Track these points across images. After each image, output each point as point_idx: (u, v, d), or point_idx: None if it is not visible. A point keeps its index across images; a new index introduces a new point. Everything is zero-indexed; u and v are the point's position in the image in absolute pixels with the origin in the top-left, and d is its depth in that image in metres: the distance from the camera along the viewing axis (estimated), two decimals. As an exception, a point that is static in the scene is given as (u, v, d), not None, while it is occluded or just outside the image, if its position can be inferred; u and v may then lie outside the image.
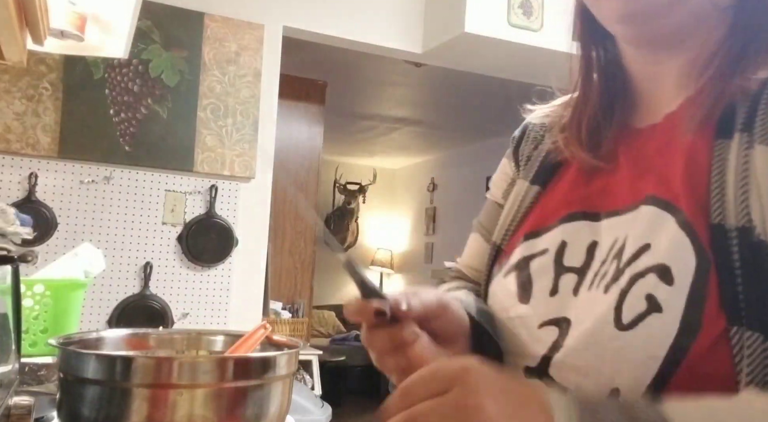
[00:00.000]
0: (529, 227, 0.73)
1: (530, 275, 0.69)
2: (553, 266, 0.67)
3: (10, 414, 0.77)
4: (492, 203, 0.85)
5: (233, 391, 0.74)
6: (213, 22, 2.92)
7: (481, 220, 0.86)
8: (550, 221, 0.71)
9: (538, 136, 0.80)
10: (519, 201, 0.77)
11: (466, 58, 3.41)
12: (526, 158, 0.80)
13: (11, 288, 0.93)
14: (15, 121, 2.59)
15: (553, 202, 0.73)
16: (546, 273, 0.67)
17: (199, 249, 2.89)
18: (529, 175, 0.77)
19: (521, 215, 0.76)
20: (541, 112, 0.83)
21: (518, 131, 0.85)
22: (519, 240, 0.73)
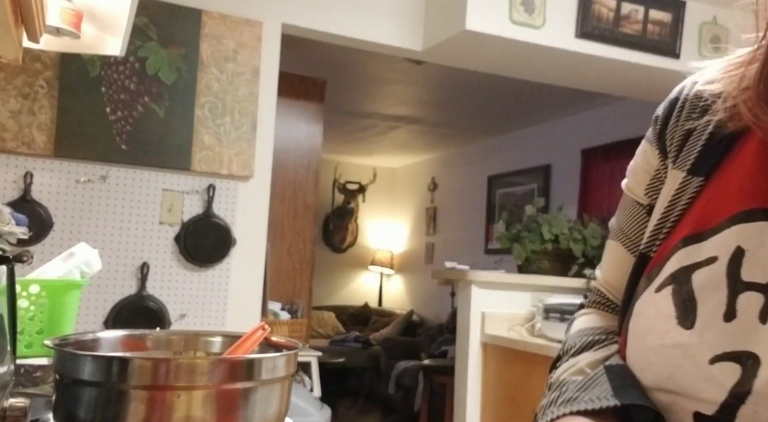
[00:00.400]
0: (688, 229, 0.58)
1: (693, 292, 0.55)
2: (726, 280, 0.53)
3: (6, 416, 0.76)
4: (630, 202, 0.69)
5: (231, 393, 0.73)
6: (211, 19, 2.91)
7: (620, 224, 0.71)
8: (717, 220, 0.56)
9: (699, 108, 0.62)
10: (673, 197, 0.61)
11: (467, 56, 3.40)
12: (680, 140, 0.63)
13: (6, 289, 0.92)
14: (10, 119, 2.57)
15: (723, 195, 0.57)
16: (716, 290, 0.53)
17: (197, 249, 2.87)
18: (686, 163, 0.61)
19: (677, 215, 0.60)
20: (707, 77, 0.64)
21: (665, 106, 0.67)
22: (674, 246, 0.58)
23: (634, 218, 0.68)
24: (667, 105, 0.66)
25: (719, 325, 0.52)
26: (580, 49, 3.23)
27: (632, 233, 0.68)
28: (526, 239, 3.37)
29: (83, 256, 1.49)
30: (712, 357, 0.51)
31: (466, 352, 3.12)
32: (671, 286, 0.56)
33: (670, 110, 0.66)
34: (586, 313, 0.74)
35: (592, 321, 0.71)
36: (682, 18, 3.34)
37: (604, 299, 0.72)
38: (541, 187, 5.86)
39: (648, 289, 0.59)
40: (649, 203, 0.67)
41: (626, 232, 0.69)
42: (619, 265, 0.68)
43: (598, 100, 5.00)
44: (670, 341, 0.54)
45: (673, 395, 0.53)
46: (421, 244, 7.86)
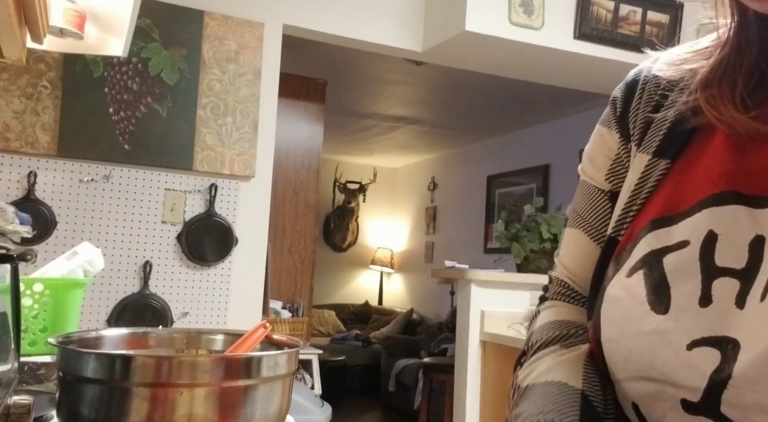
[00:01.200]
0: (656, 211, 0.57)
1: (665, 276, 0.53)
2: (699, 265, 0.52)
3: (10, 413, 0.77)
4: (590, 188, 0.68)
5: (233, 390, 0.74)
6: (213, 20, 2.92)
7: (579, 210, 0.69)
8: (687, 204, 0.55)
9: (658, 94, 0.62)
10: (639, 180, 0.60)
11: (467, 57, 3.41)
12: (642, 124, 0.62)
13: (10, 287, 0.92)
14: (14, 119, 2.58)
15: (691, 178, 0.56)
16: (689, 275, 0.52)
17: (199, 248, 2.88)
18: (651, 146, 0.60)
19: (643, 198, 0.59)
20: (662, 62, 0.64)
21: (622, 89, 0.66)
22: (642, 228, 0.57)
23: (594, 204, 0.66)
24: (624, 88, 0.65)
25: (695, 310, 0.51)
26: (578, 50, 3.24)
27: (594, 220, 0.66)
28: (525, 239, 3.38)
29: (86, 255, 1.50)
30: (689, 342, 0.50)
31: (465, 350, 3.13)
32: (642, 270, 0.55)
33: (629, 93, 0.64)
34: (550, 306, 0.70)
35: (558, 314, 0.67)
36: (680, 19, 3.35)
37: (567, 290, 0.69)
38: (540, 187, 5.86)
39: (618, 273, 0.57)
40: (611, 189, 0.65)
41: (587, 219, 0.67)
42: (583, 253, 0.67)
43: (596, 100, 5.00)
44: (647, 328, 0.52)
45: (658, 383, 0.52)
46: (421, 243, 7.87)
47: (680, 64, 0.62)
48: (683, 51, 0.63)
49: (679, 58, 0.63)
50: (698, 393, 0.49)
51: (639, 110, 0.63)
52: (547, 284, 0.74)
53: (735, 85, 0.55)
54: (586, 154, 0.70)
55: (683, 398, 0.50)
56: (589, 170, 0.68)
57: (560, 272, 0.71)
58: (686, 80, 0.60)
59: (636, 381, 0.54)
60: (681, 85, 0.60)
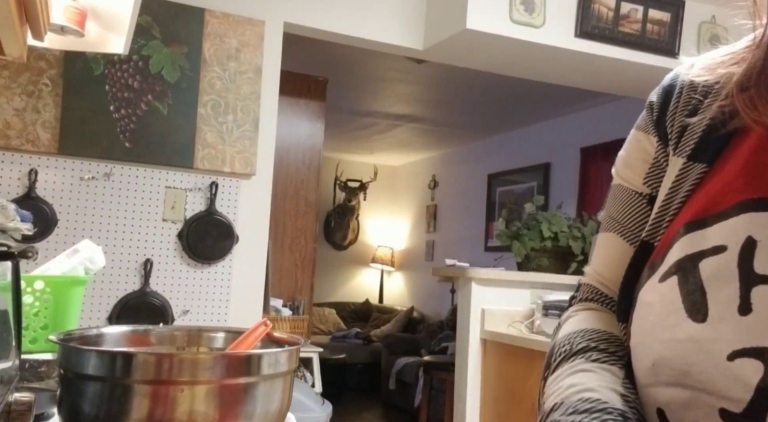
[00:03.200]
0: (691, 214, 0.55)
1: (701, 283, 0.51)
2: (737, 272, 0.50)
3: (11, 410, 0.77)
4: (627, 192, 0.66)
5: (234, 388, 0.74)
6: (213, 18, 2.92)
7: (614, 214, 0.67)
8: (721, 206, 0.53)
9: (695, 99, 0.61)
10: (674, 184, 0.59)
11: (468, 55, 3.41)
12: (679, 129, 0.61)
13: (11, 284, 0.92)
14: (15, 117, 2.58)
15: (727, 182, 0.54)
16: (727, 282, 0.50)
17: (200, 246, 2.88)
18: (685, 150, 0.59)
19: (679, 202, 0.58)
20: (699, 67, 0.63)
21: (659, 94, 0.65)
22: (677, 232, 0.56)
23: (632, 208, 0.65)
24: (662, 92, 0.65)
25: (735, 319, 0.49)
26: (579, 48, 3.24)
27: (631, 223, 0.65)
28: (526, 237, 3.38)
29: (87, 252, 1.50)
30: (730, 352, 0.48)
31: (466, 349, 3.13)
32: (676, 275, 0.53)
33: (667, 98, 0.64)
34: (577, 312, 0.68)
35: (585, 322, 0.65)
36: (681, 17, 3.34)
37: (598, 296, 0.68)
38: (540, 185, 5.86)
39: (651, 278, 0.56)
40: (649, 193, 0.64)
41: (623, 223, 0.66)
42: (618, 257, 0.65)
43: (597, 99, 5.00)
44: (682, 335, 0.51)
45: (694, 391, 0.50)
46: (421, 241, 7.87)
47: (716, 68, 0.61)
48: (719, 54, 0.62)
49: (715, 63, 0.61)
50: (741, 404, 0.47)
51: (676, 114, 0.62)
52: (573, 294, 0.72)
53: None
54: (621, 158, 0.69)
55: (722, 407, 0.48)
56: (625, 173, 0.67)
57: (590, 278, 0.69)
58: (722, 83, 0.59)
59: (665, 387, 0.53)
60: (717, 88, 0.59)
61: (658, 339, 0.53)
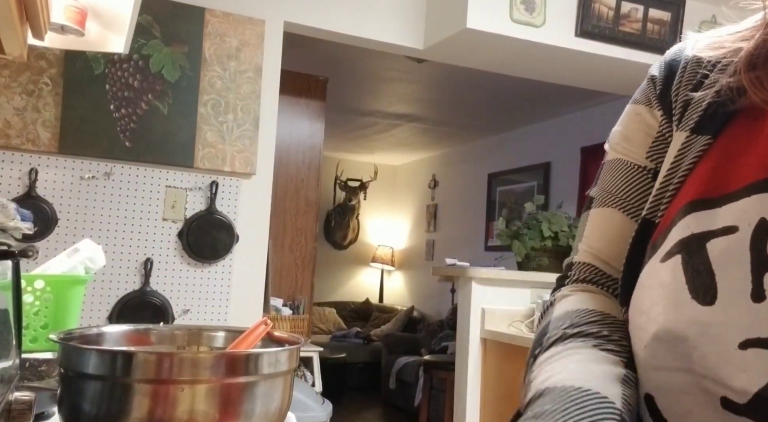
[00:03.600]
0: (696, 191, 0.53)
1: (710, 264, 0.48)
2: (749, 254, 0.47)
3: (11, 410, 0.77)
4: (628, 166, 0.64)
5: (234, 387, 0.74)
6: (214, 17, 2.92)
7: (612, 189, 0.64)
8: (733, 187, 0.50)
9: (700, 73, 0.59)
10: (676, 158, 0.57)
11: (468, 54, 3.41)
12: (683, 103, 0.59)
13: (12, 284, 0.92)
14: (15, 116, 2.58)
15: (736, 159, 0.52)
16: (738, 264, 0.47)
17: (200, 245, 2.88)
18: (689, 123, 0.57)
19: (681, 176, 0.55)
20: (704, 44, 0.61)
21: (662, 68, 0.64)
22: (680, 210, 0.53)
23: (634, 182, 0.63)
24: (665, 67, 0.63)
25: (746, 305, 0.46)
26: (580, 47, 3.24)
27: (632, 197, 0.62)
28: (526, 236, 3.38)
29: (87, 252, 1.50)
30: (743, 340, 0.45)
31: (466, 348, 3.13)
32: (679, 255, 0.50)
33: (670, 72, 0.62)
34: (571, 292, 0.64)
35: (581, 301, 0.61)
36: (681, 17, 3.34)
37: (596, 276, 0.63)
38: (540, 184, 5.86)
39: (653, 259, 0.53)
40: (654, 167, 0.62)
41: (625, 198, 0.63)
42: (620, 233, 0.61)
43: (597, 98, 5.00)
44: (684, 316, 0.48)
45: (695, 376, 0.48)
46: (421, 241, 7.87)
47: (721, 44, 0.59)
48: (725, 32, 0.61)
49: (720, 40, 0.60)
50: (746, 396, 0.45)
51: (680, 88, 0.60)
52: (563, 274, 0.68)
53: None
54: (617, 133, 0.66)
55: (724, 396, 0.46)
56: (624, 147, 0.65)
57: (586, 256, 0.65)
58: (728, 59, 0.57)
59: (659, 371, 0.50)
60: (722, 64, 0.57)
61: (656, 319, 0.50)
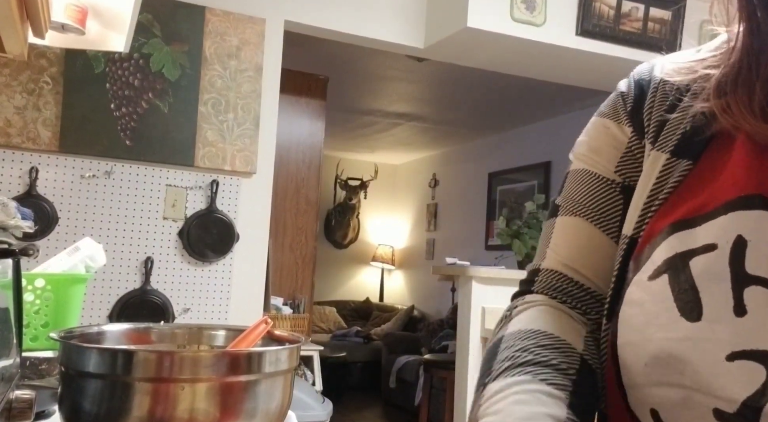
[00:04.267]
0: (678, 213, 0.55)
1: (693, 281, 0.51)
2: (729, 271, 0.50)
3: (12, 408, 0.77)
4: (595, 177, 0.65)
5: (234, 386, 0.74)
6: (214, 16, 2.92)
7: (578, 198, 0.65)
8: (710, 206, 0.53)
9: (672, 97, 0.61)
10: (658, 179, 0.58)
11: (469, 53, 3.41)
12: (657, 123, 0.61)
13: (12, 282, 0.92)
14: (15, 115, 2.58)
15: (715, 182, 0.54)
16: (718, 281, 0.50)
17: (200, 244, 2.89)
18: (668, 145, 0.59)
19: (662, 198, 0.57)
20: (669, 68, 0.63)
21: (632, 86, 0.65)
22: (663, 230, 0.55)
23: (601, 193, 0.64)
24: (635, 85, 0.64)
25: (730, 319, 0.48)
26: (580, 46, 3.24)
27: (600, 208, 0.63)
28: (527, 236, 3.38)
29: (88, 250, 1.50)
30: (729, 353, 0.48)
31: (466, 347, 3.13)
32: (667, 274, 0.53)
33: (641, 91, 0.63)
34: (532, 305, 0.64)
35: (540, 321, 0.61)
36: (682, 16, 3.34)
37: (562, 284, 0.63)
38: (541, 184, 5.86)
39: (638, 276, 0.55)
40: (622, 181, 0.63)
41: (592, 207, 0.63)
42: (588, 242, 0.63)
43: (598, 97, 4.99)
44: (676, 334, 0.50)
45: (687, 390, 0.50)
46: (422, 240, 7.87)
47: (690, 69, 0.61)
48: (688, 59, 0.62)
49: (690, 65, 0.61)
50: (735, 405, 0.47)
51: (653, 109, 0.61)
52: (527, 278, 0.67)
53: (752, 93, 0.54)
54: (583, 144, 0.67)
55: (717, 407, 0.48)
56: (591, 159, 0.66)
57: (554, 263, 0.65)
58: (698, 84, 0.59)
59: (658, 386, 0.52)
60: (693, 88, 0.59)
61: (651, 337, 0.52)
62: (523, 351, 0.56)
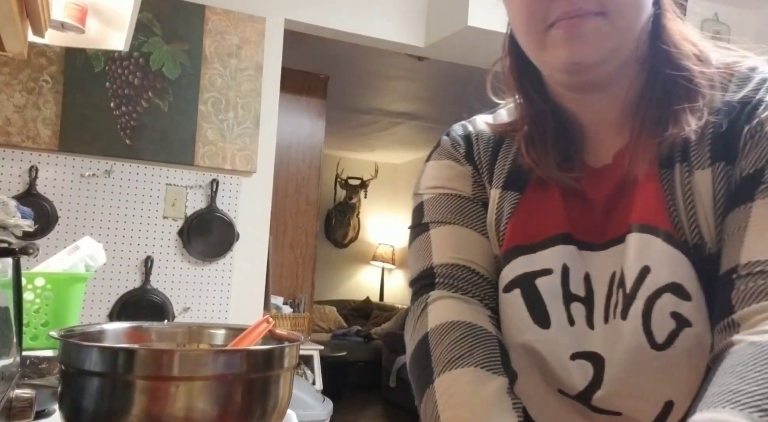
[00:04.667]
0: (518, 237, 0.71)
1: (541, 297, 0.68)
2: (561, 290, 0.67)
3: (12, 407, 0.77)
4: (458, 198, 0.77)
5: (234, 384, 0.74)
6: (214, 14, 2.91)
7: (447, 215, 0.77)
8: (539, 237, 0.70)
9: (491, 147, 0.78)
10: (498, 210, 0.74)
11: (469, 52, 3.41)
12: (488, 164, 0.77)
13: (12, 281, 0.92)
14: (15, 113, 2.58)
15: (539, 216, 0.71)
16: (556, 298, 0.67)
17: (200, 244, 2.88)
18: (499, 181, 0.75)
19: (504, 224, 0.73)
20: (483, 127, 0.81)
21: (460, 138, 0.81)
22: (509, 251, 0.71)
23: (467, 206, 0.76)
24: (462, 138, 0.80)
25: (566, 328, 0.66)
26: (582, 45, 3.23)
27: (470, 216, 0.75)
28: (527, 235, 3.38)
29: (88, 249, 1.50)
30: (571, 354, 0.66)
31: (466, 347, 3.13)
32: (518, 289, 0.69)
33: (468, 141, 0.79)
34: (443, 298, 0.73)
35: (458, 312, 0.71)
36: (683, 15, 3.34)
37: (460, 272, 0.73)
38: (542, 183, 5.86)
39: (499, 288, 0.71)
40: (480, 199, 0.76)
41: (459, 216, 0.75)
42: (467, 240, 0.74)
43: (600, 96, 4.99)
44: (532, 337, 0.67)
45: (543, 376, 0.68)
46: (422, 239, 7.86)
47: (495, 130, 0.78)
48: (492, 121, 0.80)
49: (492, 128, 0.79)
50: (575, 390, 0.66)
51: (481, 153, 0.77)
52: (421, 279, 0.75)
53: (547, 152, 0.71)
54: (434, 179, 0.79)
55: (560, 389, 0.68)
56: (449, 187, 0.78)
57: (443, 258, 0.74)
58: (507, 141, 0.76)
59: (521, 373, 0.69)
60: (506, 144, 0.76)
61: (516, 341, 0.69)
62: (456, 343, 0.67)
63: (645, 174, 0.66)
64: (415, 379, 0.70)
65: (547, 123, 0.73)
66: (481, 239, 0.75)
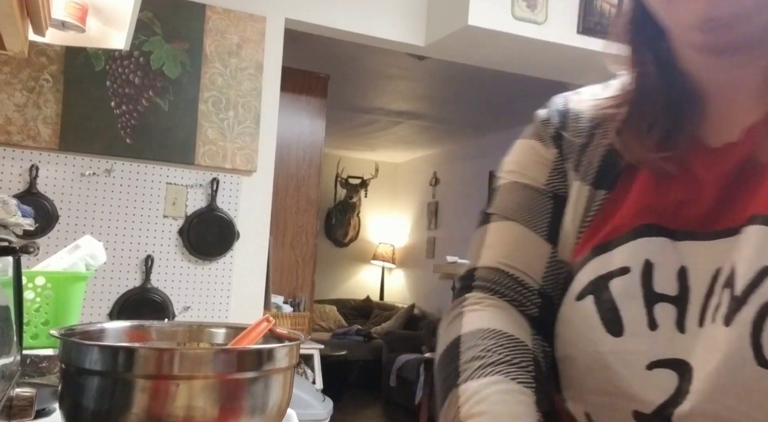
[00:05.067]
0: (598, 238, 0.63)
1: (614, 301, 0.59)
2: (641, 291, 0.58)
3: (12, 406, 0.77)
4: (529, 188, 0.70)
5: (234, 383, 0.74)
6: (215, 13, 2.91)
7: (513, 207, 0.70)
8: (621, 231, 0.61)
9: (586, 129, 0.69)
10: (582, 207, 0.66)
11: (470, 52, 3.40)
12: (578, 151, 0.68)
13: (13, 280, 0.92)
14: (16, 113, 2.58)
15: (624, 209, 0.62)
16: (634, 300, 0.58)
17: (201, 243, 2.88)
18: (588, 176, 0.66)
19: (587, 223, 0.65)
20: (585, 103, 0.71)
21: (555, 115, 0.72)
22: (585, 255, 0.63)
23: (536, 201, 0.69)
24: (557, 114, 0.72)
25: (645, 333, 0.57)
26: (582, 44, 3.23)
27: (535, 213, 0.69)
28: (528, 235, 3.38)
29: (88, 248, 1.50)
30: (648, 363, 0.56)
31: (466, 346, 3.13)
32: (592, 295, 0.60)
33: (562, 119, 0.71)
34: (481, 305, 0.67)
35: (495, 321, 0.65)
36: (684, 14, 3.34)
37: (502, 281, 0.68)
38: (543, 182, 5.85)
39: (567, 296, 0.63)
40: (552, 191, 0.69)
41: (522, 212, 0.69)
42: (524, 243, 0.68)
43: (600, 95, 4.99)
44: (604, 348, 0.58)
45: (611, 396, 0.58)
46: (422, 238, 7.87)
47: (596, 107, 0.69)
48: (596, 96, 0.71)
49: (594, 104, 0.70)
50: (652, 407, 0.55)
51: (571, 137, 0.69)
52: (465, 279, 0.70)
53: (644, 132, 0.62)
54: (512, 162, 0.74)
55: (635, 409, 0.56)
56: (522, 174, 0.72)
57: (490, 261, 0.69)
58: (606, 122, 0.67)
59: (590, 393, 0.60)
60: (604, 126, 0.67)
61: (583, 351, 0.60)
62: (488, 351, 0.61)
63: None
64: (441, 380, 0.64)
65: (656, 94, 0.63)
66: (538, 242, 0.68)
